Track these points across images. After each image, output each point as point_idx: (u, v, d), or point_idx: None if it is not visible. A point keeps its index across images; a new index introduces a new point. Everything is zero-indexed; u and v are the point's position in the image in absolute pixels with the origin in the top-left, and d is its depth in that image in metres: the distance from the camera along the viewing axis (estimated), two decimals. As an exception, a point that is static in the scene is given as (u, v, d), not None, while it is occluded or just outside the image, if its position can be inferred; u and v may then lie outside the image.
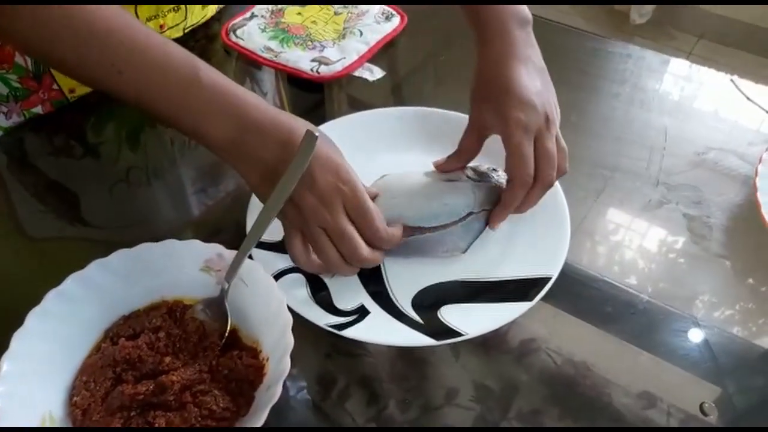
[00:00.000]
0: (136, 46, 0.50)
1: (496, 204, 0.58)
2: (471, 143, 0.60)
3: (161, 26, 0.78)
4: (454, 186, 0.59)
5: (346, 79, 0.79)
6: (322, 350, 0.53)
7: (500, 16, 0.59)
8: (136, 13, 0.74)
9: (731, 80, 0.76)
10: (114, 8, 0.51)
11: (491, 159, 0.61)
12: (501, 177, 0.60)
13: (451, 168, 0.60)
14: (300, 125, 0.51)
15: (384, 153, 0.66)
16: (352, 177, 0.52)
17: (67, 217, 0.66)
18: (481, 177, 0.60)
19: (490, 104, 0.57)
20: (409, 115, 0.71)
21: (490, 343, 0.53)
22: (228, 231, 0.61)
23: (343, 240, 0.51)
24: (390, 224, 0.54)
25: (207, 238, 0.53)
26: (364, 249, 0.52)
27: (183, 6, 0.79)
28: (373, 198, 0.56)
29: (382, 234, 0.53)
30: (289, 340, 0.45)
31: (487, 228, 0.58)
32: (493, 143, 0.58)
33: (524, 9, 0.61)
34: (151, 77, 0.50)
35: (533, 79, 0.57)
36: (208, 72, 0.51)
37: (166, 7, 0.76)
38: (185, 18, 0.81)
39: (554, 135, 0.56)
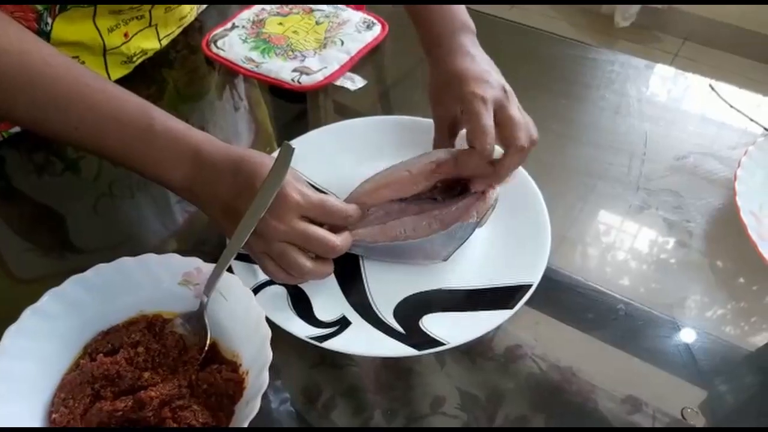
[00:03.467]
0: (91, 102, 0.52)
1: (484, 214, 0.57)
2: (443, 143, 0.61)
3: (125, 35, 0.77)
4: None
5: (330, 87, 0.79)
6: (308, 361, 0.53)
7: (447, 22, 0.63)
8: (95, 24, 0.73)
9: (710, 86, 0.76)
10: (67, 61, 0.54)
11: None
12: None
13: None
14: (250, 153, 0.53)
15: (366, 162, 0.66)
16: (296, 185, 0.52)
17: (50, 234, 0.65)
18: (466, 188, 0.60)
19: (446, 95, 0.60)
20: (391, 123, 0.71)
21: (475, 350, 0.53)
22: (212, 242, 0.61)
23: (309, 240, 0.51)
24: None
25: (191, 249, 0.53)
26: (334, 238, 0.53)
27: (147, 14, 0.78)
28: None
29: (349, 211, 0.54)
30: (268, 354, 0.45)
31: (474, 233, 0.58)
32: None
33: (468, 19, 0.65)
34: (107, 131, 0.53)
35: (481, 64, 0.60)
36: (162, 119, 0.53)
37: (127, 16, 0.76)
38: (151, 24, 0.80)
39: (515, 105, 0.58)
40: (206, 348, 0.49)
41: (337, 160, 0.67)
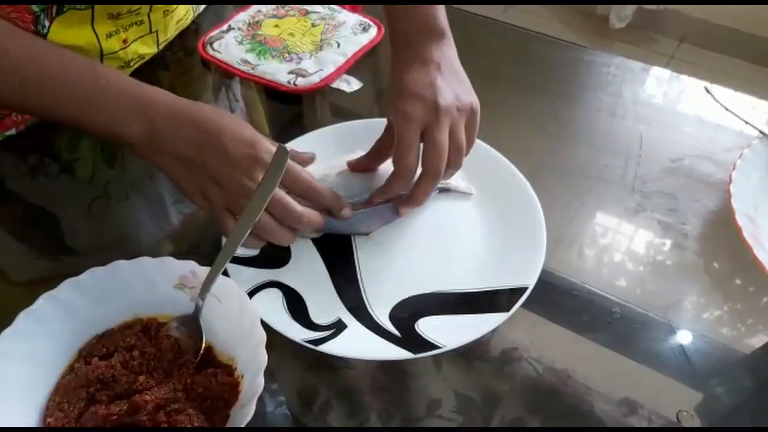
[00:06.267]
0: (35, 61, 0.52)
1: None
2: (386, 150, 0.59)
3: (124, 41, 0.76)
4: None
5: (326, 89, 0.79)
6: (304, 363, 0.53)
7: (412, 29, 0.60)
8: (93, 29, 0.72)
9: (705, 88, 0.76)
10: (11, 29, 0.53)
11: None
12: None
13: (369, 166, 0.61)
14: (208, 106, 0.53)
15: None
16: (269, 145, 0.52)
17: (45, 237, 0.65)
18: None
19: (389, 104, 0.57)
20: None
21: (471, 353, 0.53)
22: (208, 244, 0.61)
23: (273, 203, 0.51)
24: None
25: (187, 252, 0.53)
26: (297, 206, 0.52)
27: (146, 19, 0.78)
28: (306, 163, 0.58)
29: (314, 185, 0.54)
30: (263, 358, 0.45)
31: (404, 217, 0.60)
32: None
33: (440, 23, 0.60)
34: (54, 89, 0.52)
35: (429, 74, 0.57)
36: (109, 73, 0.53)
37: (126, 21, 0.75)
38: (152, 30, 0.80)
39: (446, 127, 0.54)
40: (201, 351, 0.49)
41: (333, 163, 0.67)
